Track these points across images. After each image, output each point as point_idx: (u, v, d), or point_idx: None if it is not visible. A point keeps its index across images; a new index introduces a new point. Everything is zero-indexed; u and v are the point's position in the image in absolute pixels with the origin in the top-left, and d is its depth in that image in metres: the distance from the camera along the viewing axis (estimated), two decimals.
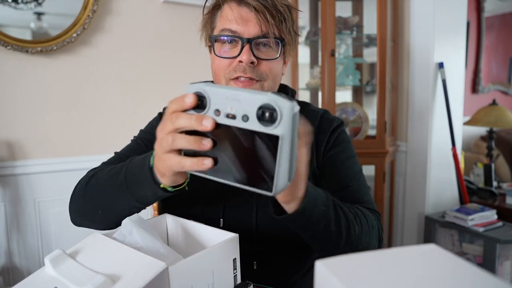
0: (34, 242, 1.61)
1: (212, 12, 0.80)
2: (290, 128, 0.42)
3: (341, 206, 0.65)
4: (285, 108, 0.41)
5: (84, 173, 0.77)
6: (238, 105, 0.44)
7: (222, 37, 0.77)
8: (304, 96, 2.36)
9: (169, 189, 0.58)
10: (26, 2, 1.50)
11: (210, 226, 0.64)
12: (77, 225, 0.76)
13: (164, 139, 0.49)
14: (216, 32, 0.79)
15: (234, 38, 0.75)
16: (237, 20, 0.75)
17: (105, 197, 0.68)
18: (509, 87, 3.66)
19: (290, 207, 0.56)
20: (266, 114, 0.42)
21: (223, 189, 0.76)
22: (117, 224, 0.68)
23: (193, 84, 0.47)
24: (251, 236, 0.78)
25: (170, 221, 0.70)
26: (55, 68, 1.60)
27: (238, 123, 0.44)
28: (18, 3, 1.49)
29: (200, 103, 0.46)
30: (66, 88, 1.63)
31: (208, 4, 0.81)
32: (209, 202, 0.80)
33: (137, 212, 0.68)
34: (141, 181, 0.59)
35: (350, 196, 0.78)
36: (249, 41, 0.74)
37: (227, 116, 0.44)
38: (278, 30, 0.76)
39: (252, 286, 0.63)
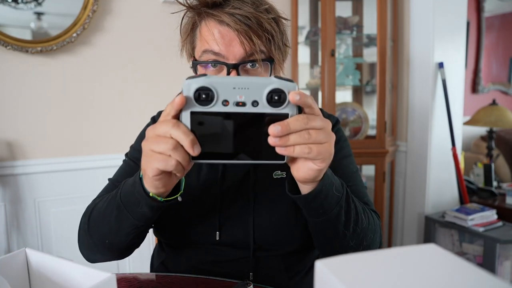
0: (34, 242, 1.61)
1: (191, 32, 0.73)
2: (296, 106, 0.49)
3: (352, 197, 0.65)
4: (292, 89, 0.48)
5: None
6: (247, 93, 0.47)
7: (204, 63, 0.69)
8: None
9: (160, 199, 0.58)
10: (26, 2, 1.50)
11: (81, 265, 0.48)
12: (92, 261, 0.73)
13: (154, 142, 0.50)
14: (197, 53, 0.72)
15: (218, 63, 0.68)
16: (218, 40, 0.66)
17: (108, 225, 0.66)
18: (509, 87, 3.66)
19: (306, 188, 0.56)
20: (276, 97, 0.47)
21: (217, 200, 0.77)
22: (128, 249, 0.71)
23: (192, 79, 0.48)
24: (248, 245, 0.76)
25: (33, 258, 0.53)
26: (55, 68, 1.60)
27: (248, 109, 0.48)
28: (18, 3, 1.49)
29: (206, 97, 0.47)
30: (66, 88, 1.63)
31: (184, 21, 0.73)
32: (204, 215, 0.77)
33: (141, 233, 0.68)
34: (135, 198, 0.59)
35: None
36: (235, 66, 0.66)
37: (237, 104, 0.47)
38: (266, 49, 0.68)
39: (252, 286, 0.63)
